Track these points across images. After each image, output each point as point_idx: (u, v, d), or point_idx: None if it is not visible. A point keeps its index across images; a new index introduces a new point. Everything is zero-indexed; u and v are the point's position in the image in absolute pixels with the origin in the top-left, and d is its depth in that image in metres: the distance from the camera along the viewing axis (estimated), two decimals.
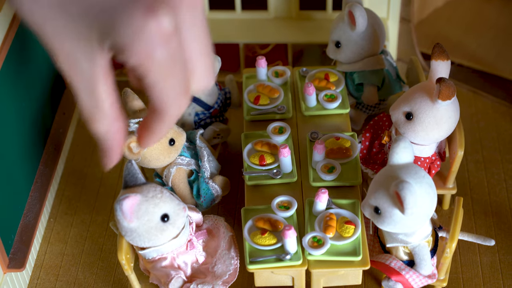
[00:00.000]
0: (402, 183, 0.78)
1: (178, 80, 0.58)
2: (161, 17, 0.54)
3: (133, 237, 0.82)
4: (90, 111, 0.61)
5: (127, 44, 0.55)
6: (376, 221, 0.84)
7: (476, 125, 1.13)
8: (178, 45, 0.56)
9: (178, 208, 0.82)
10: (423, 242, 0.86)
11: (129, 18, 0.54)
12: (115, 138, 0.63)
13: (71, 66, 0.58)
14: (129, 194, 0.78)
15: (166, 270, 0.85)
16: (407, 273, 0.87)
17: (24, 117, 0.97)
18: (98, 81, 0.59)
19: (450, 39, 1.26)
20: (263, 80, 1.04)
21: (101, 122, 0.62)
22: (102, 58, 0.58)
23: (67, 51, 0.57)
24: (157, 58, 0.56)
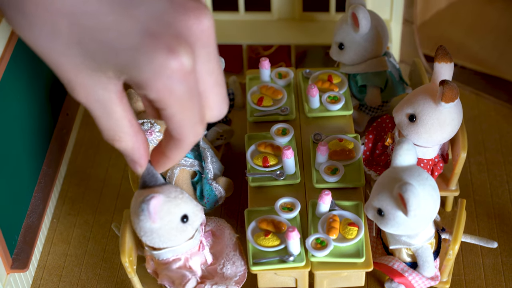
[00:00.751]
0: (406, 185, 0.79)
1: (195, 111, 0.61)
2: (181, 56, 0.57)
3: (153, 237, 0.81)
4: (112, 133, 0.64)
5: (147, 80, 0.58)
6: (379, 223, 0.84)
7: (479, 127, 1.13)
8: (195, 79, 0.60)
9: (196, 208, 0.83)
10: (426, 244, 0.86)
11: (150, 57, 0.57)
12: (140, 150, 0.67)
13: (87, 96, 0.61)
14: (154, 194, 0.78)
15: (181, 271, 0.85)
16: (410, 275, 0.87)
17: (28, 118, 0.98)
18: (114, 105, 0.62)
19: (453, 41, 1.27)
20: (266, 81, 1.04)
21: (124, 141, 0.65)
22: (116, 85, 0.61)
23: (83, 82, 0.60)
24: (176, 93, 0.59)
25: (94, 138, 1.15)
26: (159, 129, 0.89)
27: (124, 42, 0.57)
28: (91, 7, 0.57)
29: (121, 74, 0.59)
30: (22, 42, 0.94)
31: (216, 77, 0.62)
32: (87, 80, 0.60)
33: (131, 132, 0.65)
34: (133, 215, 0.82)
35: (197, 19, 0.59)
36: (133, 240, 0.86)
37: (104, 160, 1.12)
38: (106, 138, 0.65)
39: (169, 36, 0.58)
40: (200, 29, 0.59)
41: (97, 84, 0.60)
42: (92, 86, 0.60)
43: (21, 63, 0.95)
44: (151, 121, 0.89)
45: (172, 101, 0.59)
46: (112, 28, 0.57)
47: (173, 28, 0.58)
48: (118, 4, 0.57)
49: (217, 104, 0.64)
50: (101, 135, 1.16)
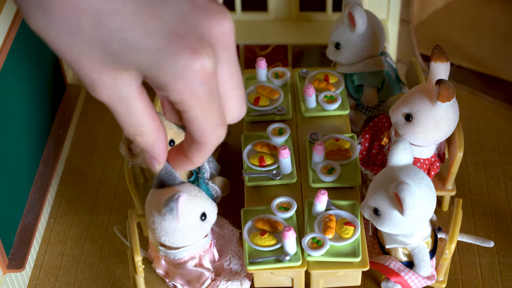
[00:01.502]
0: (402, 185, 0.79)
1: (216, 113, 0.62)
2: (204, 58, 0.58)
3: (175, 236, 0.81)
4: (133, 128, 0.64)
5: (170, 81, 0.58)
6: (375, 222, 0.84)
7: (476, 127, 1.13)
8: (216, 82, 0.60)
9: (213, 206, 0.83)
10: (422, 243, 0.86)
11: (174, 59, 0.57)
12: (160, 146, 0.67)
13: (109, 95, 0.61)
14: (180, 193, 0.78)
15: (199, 270, 0.85)
16: (406, 274, 0.87)
17: (24, 118, 0.98)
18: (136, 101, 0.62)
19: (450, 41, 1.27)
20: (263, 81, 1.04)
21: (146, 135, 0.65)
22: (137, 80, 0.61)
23: (105, 81, 0.60)
24: (198, 95, 0.59)
25: (91, 138, 1.15)
26: None
27: (148, 42, 0.57)
28: (117, 6, 0.56)
29: (144, 73, 0.59)
30: (19, 42, 0.94)
31: (237, 80, 0.63)
32: (109, 79, 0.60)
33: (153, 127, 0.65)
34: (153, 215, 0.80)
35: (219, 22, 0.59)
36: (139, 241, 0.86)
37: (101, 160, 1.12)
38: (127, 133, 0.65)
39: (192, 38, 0.58)
40: (222, 32, 0.59)
41: (119, 82, 0.60)
42: (114, 84, 0.60)
43: (18, 63, 0.95)
44: None
45: (194, 103, 0.60)
46: (136, 28, 0.57)
47: (196, 29, 0.58)
48: (143, 4, 0.57)
49: (237, 106, 0.64)
50: (98, 135, 1.17)
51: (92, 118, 1.18)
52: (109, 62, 0.59)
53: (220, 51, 0.60)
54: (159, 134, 0.66)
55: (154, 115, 0.65)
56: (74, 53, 0.59)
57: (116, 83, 0.60)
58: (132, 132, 0.64)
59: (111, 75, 0.60)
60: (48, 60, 1.06)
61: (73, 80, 1.16)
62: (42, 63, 1.04)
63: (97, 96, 0.61)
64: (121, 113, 0.63)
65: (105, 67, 0.59)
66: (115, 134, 1.15)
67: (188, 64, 0.57)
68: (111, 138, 1.15)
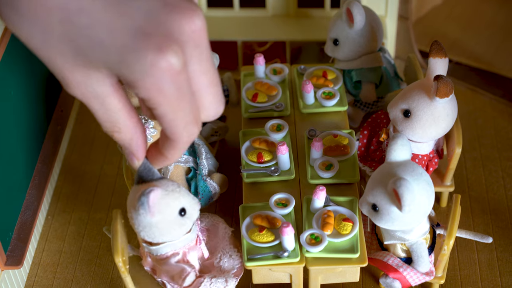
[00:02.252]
0: (400, 180, 0.78)
1: (186, 111, 0.62)
2: (170, 56, 0.58)
3: (152, 232, 0.81)
4: (110, 125, 0.65)
5: (137, 79, 0.59)
6: (373, 218, 0.84)
7: (474, 123, 1.13)
8: (186, 79, 0.60)
9: (194, 202, 0.83)
10: (421, 239, 0.86)
11: (140, 56, 0.58)
12: (138, 142, 0.68)
13: (83, 91, 0.62)
14: (152, 188, 0.78)
15: (181, 266, 0.85)
16: (405, 270, 0.87)
17: (22, 114, 0.97)
18: (111, 98, 0.63)
19: (448, 37, 1.27)
20: (261, 77, 1.04)
21: (123, 132, 0.66)
22: (111, 78, 0.62)
23: (77, 79, 0.61)
24: (165, 92, 0.59)
25: (89, 135, 1.15)
26: (153, 125, 0.89)
27: (115, 40, 0.58)
28: (84, 3, 0.58)
29: (113, 71, 0.60)
30: (15, 39, 0.94)
31: (211, 77, 0.63)
32: (82, 77, 0.61)
33: (130, 124, 0.65)
34: (130, 210, 0.81)
35: (189, 19, 0.59)
36: (125, 240, 0.86)
37: (99, 157, 1.12)
38: (105, 130, 0.65)
39: (159, 36, 0.58)
40: (192, 29, 0.59)
41: (92, 79, 0.61)
42: (87, 82, 0.61)
43: (15, 60, 0.94)
44: (145, 117, 0.89)
45: (162, 101, 0.60)
46: (104, 25, 0.58)
47: (164, 27, 0.58)
48: (111, 2, 0.58)
49: (212, 104, 0.64)
50: (96, 132, 1.17)
51: (89, 115, 1.18)
52: (79, 60, 0.59)
53: (190, 49, 0.60)
54: (136, 131, 0.66)
55: (131, 112, 0.65)
56: (46, 50, 0.60)
57: (89, 80, 0.61)
58: (110, 128, 0.65)
59: (83, 72, 0.60)
60: None
61: None
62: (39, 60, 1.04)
63: (71, 92, 0.62)
64: (97, 110, 0.63)
65: (76, 65, 0.60)
66: None
67: (154, 61, 0.57)
68: None
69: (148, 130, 0.88)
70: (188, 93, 0.61)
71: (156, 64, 0.57)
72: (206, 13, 1.21)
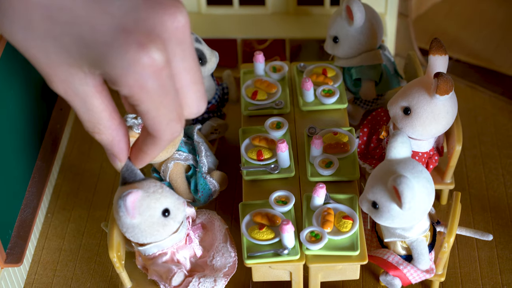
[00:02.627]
0: (400, 178, 0.78)
1: (169, 108, 0.61)
2: (152, 52, 0.58)
3: (135, 233, 0.82)
4: (91, 125, 0.65)
5: (119, 76, 0.58)
6: (374, 216, 0.84)
7: (474, 120, 1.13)
8: (169, 76, 0.60)
9: (178, 202, 0.82)
10: (421, 236, 0.86)
11: (122, 53, 0.57)
12: (120, 144, 0.68)
13: (66, 89, 0.62)
14: (131, 190, 0.78)
15: (168, 265, 0.85)
16: (405, 267, 0.87)
17: (22, 113, 0.97)
18: (93, 98, 0.62)
19: (448, 34, 1.26)
20: (260, 75, 1.04)
21: (104, 133, 0.66)
22: (94, 79, 0.61)
23: (60, 76, 0.61)
24: (148, 89, 0.59)
25: (88, 134, 1.15)
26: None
27: (96, 37, 0.58)
28: (65, 1, 0.58)
29: (95, 69, 0.59)
30: None
31: (194, 75, 0.62)
32: (64, 74, 0.60)
33: (111, 126, 0.65)
34: (114, 212, 0.82)
35: (172, 16, 0.59)
36: (122, 235, 0.86)
37: (98, 155, 1.12)
38: (86, 129, 0.66)
39: (141, 32, 0.58)
40: (175, 26, 0.59)
41: (74, 78, 0.61)
42: (70, 80, 0.61)
43: (15, 58, 0.94)
44: None
45: (144, 97, 0.59)
46: (85, 22, 0.58)
47: (146, 24, 0.58)
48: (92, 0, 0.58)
49: (194, 101, 0.64)
50: None
51: None
52: (62, 57, 0.59)
53: (173, 46, 0.60)
54: (117, 133, 0.66)
55: (113, 113, 0.64)
56: (29, 47, 0.60)
57: (71, 79, 0.61)
58: (91, 129, 0.65)
59: (66, 71, 0.60)
60: None
61: None
62: None
63: (54, 89, 0.62)
64: (78, 109, 0.63)
65: (59, 63, 0.60)
66: None
67: (135, 58, 0.57)
68: None
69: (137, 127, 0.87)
70: (172, 90, 0.61)
71: (138, 60, 0.57)
72: (206, 11, 1.21)
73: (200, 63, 0.98)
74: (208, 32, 1.17)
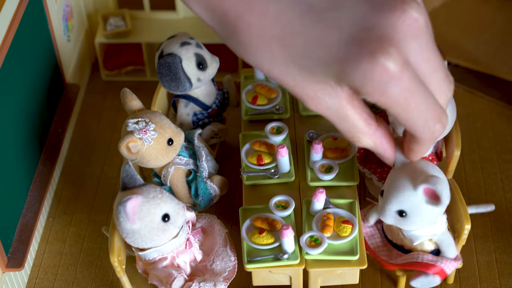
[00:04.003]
0: (433, 178, 0.79)
1: (422, 109, 0.63)
2: (384, 59, 0.59)
3: (135, 238, 0.82)
4: (350, 135, 0.68)
5: (360, 87, 0.61)
6: (401, 224, 0.83)
7: (473, 125, 1.14)
8: (411, 78, 0.61)
9: (178, 207, 0.83)
10: (445, 228, 0.86)
11: (356, 65, 0.59)
12: (382, 145, 0.70)
13: (316, 105, 0.65)
14: (131, 196, 0.79)
15: (168, 270, 0.85)
16: (442, 262, 0.86)
17: (23, 117, 0.98)
18: (345, 109, 0.65)
19: (447, 40, 1.27)
20: (261, 80, 1.05)
21: (364, 140, 0.68)
22: (342, 91, 0.63)
23: (310, 94, 0.64)
24: (390, 95, 0.61)
25: (90, 137, 1.15)
26: (154, 127, 0.89)
27: (331, 54, 0.60)
28: (295, 27, 0.61)
29: (340, 82, 0.62)
30: (18, 41, 0.94)
31: (433, 63, 0.63)
32: (313, 91, 0.64)
33: (369, 132, 0.67)
34: (114, 218, 0.82)
35: (400, 14, 0.59)
36: (122, 240, 0.87)
37: (100, 159, 1.12)
38: (346, 138, 0.68)
39: (372, 40, 0.59)
40: (407, 24, 0.59)
41: (323, 94, 0.63)
42: (319, 96, 0.64)
43: (17, 62, 0.95)
44: (146, 120, 0.89)
45: (389, 103, 0.61)
46: (317, 43, 0.60)
47: (376, 30, 0.59)
48: (318, 18, 0.60)
49: (440, 90, 0.64)
50: (96, 134, 1.17)
51: (90, 118, 1.18)
52: (307, 78, 0.63)
53: (408, 42, 0.60)
54: (376, 137, 0.68)
55: (369, 120, 0.66)
56: (276, 74, 0.64)
57: (320, 94, 0.64)
58: (350, 138, 0.68)
59: (314, 88, 0.63)
60: (47, 59, 1.07)
61: (72, 79, 1.16)
62: (41, 63, 1.04)
63: (308, 107, 0.65)
64: (334, 121, 0.66)
65: (305, 83, 0.63)
66: (113, 133, 1.15)
67: (368, 68, 0.59)
68: (110, 137, 1.15)
69: (148, 133, 0.88)
70: (419, 91, 0.61)
71: (371, 70, 0.59)
72: None
73: (201, 68, 0.98)
74: (208, 37, 1.17)
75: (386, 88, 0.60)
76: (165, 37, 1.02)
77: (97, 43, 1.21)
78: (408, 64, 0.60)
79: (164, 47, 0.98)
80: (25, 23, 0.97)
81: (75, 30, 1.19)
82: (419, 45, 0.61)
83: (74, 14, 1.19)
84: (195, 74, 0.98)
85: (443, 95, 0.65)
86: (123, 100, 0.92)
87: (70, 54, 1.16)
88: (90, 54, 1.26)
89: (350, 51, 0.59)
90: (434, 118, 0.64)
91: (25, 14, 0.96)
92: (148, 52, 1.21)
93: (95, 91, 1.23)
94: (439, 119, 0.64)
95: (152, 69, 1.23)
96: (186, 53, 0.97)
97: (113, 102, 1.20)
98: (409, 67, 0.60)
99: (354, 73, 0.60)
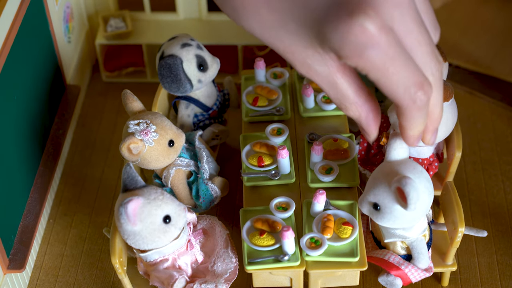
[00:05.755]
0: (405, 179, 0.79)
1: (402, 74, 0.61)
2: (362, 21, 0.58)
3: (136, 240, 0.82)
4: (338, 102, 0.67)
5: (338, 49, 0.60)
6: (375, 217, 0.84)
7: (474, 127, 1.14)
8: (391, 42, 0.60)
9: (179, 209, 0.83)
10: (421, 236, 0.87)
11: (335, 26, 0.59)
12: (367, 119, 0.69)
13: (307, 70, 0.65)
14: (132, 197, 0.79)
15: (169, 272, 0.85)
16: (406, 267, 0.87)
17: (24, 118, 0.98)
18: (334, 77, 0.65)
19: (448, 41, 1.27)
20: (261, 81, 1.05)
21: (350, 110, 0.68)
22: (332, 59, 0.63)
23: (300, 60, 0.65)
24: (368, 58, 0.60)
25: (90, 139, 1.15)
26: (155, 129, 0.89)
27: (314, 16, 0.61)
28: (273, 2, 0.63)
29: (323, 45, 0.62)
30: (19, 43, 0.94)
31: (417, 36, 0.62)
32: (302, 56, 0.64)
33: (357, 102, 0.67)
34: (115, 219, 0.82)
35: None
36: (123, 241, 0.87)
37: (100, 161, 1.12)
38: (334, 104, 0.69)
39: (351, 3, 0.59)
40: None
41: (312, 59, 0.64)
42: (308, 62, 0.64)
43: (18, 64, 0.95)
44: (147, 121, 0.89)
45: (368, 66, 0.60)
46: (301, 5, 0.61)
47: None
48: None
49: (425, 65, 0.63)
50: (97, 135, 1.17)
51: (91, 119, 1.18)
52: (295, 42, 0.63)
53: (390, 9, 0.59)
54: (363, 109, 0.68)
55: (360, 91, 0.66)
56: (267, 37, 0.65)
57: (309, 60, 0.64)
58: (338, 105, 0.68)
59: (303, 53, 0.64)
60: (48, 61, 1.07)
61: (73, 81, 1.16)
62: (42, 64, 1.04)
63: (298, 71, 0.66)
64: (324, 87, 0.66)
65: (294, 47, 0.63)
66: (114, 135, 1.16)
67: (346, 29, 0.58)
68: (110, 138, 1.15)
69: (150, 134, 0.88)
70: (399, 56, 0.60)
71: (349, 31, 0.58)
72: (207, 17, 1.22)
73: (202, 69, 0.98)
74: (209, 39, 1.18)
75: (364, 50, 0.59)
76: (165, 38, 1.02)
77: (97, 44, 1.21)
78: (388, 29, 0.59)
79: (165, 48, 0.98)
80: (26, 25, 0.97)
81: (75, 31, 1.19)
82: (401, 15, 0.60)
83: (75, 15, 1.19)
84: (196, 75, 0.98)
85: (428, 71, 0.64)
86: (124, 102, 0.92)
87: (71, 55, 1.17)
88: (90, 56, 1.26)
89: (330, 13, 0.60)
90: (416, 85, 0.62)
91: (26, 16, 0.97)
92: (149, 53, 1.21)
93: (95, 93, 1.23)
94: (420, 86, 0.63)
95: (152, 70, 1.23)
96: (187, 54, 0.97)
97: (114, 103, 1.20)
98: (389, 32, 0.59)
99: (332, 34, 0.59)
